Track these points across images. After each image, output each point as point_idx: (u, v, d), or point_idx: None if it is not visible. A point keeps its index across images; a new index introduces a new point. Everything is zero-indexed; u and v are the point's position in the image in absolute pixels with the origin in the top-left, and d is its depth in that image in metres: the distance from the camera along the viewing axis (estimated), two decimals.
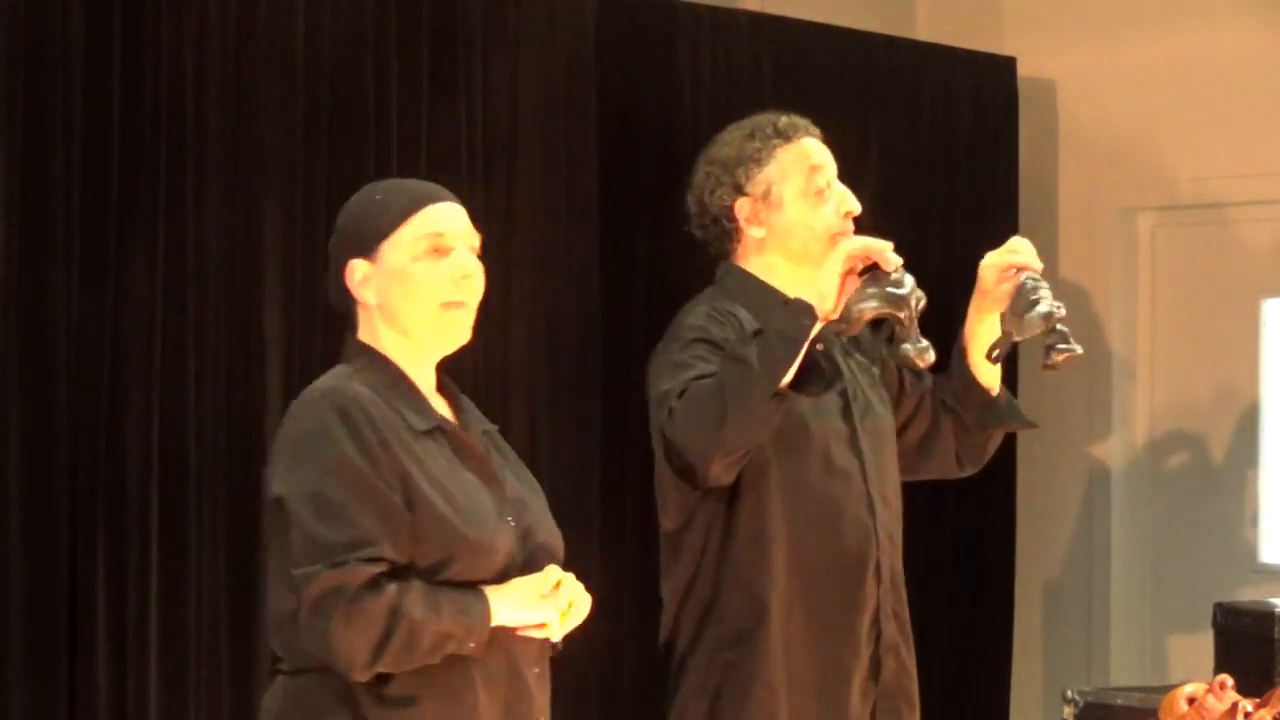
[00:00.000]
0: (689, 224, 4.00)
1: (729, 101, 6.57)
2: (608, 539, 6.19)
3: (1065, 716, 5.95)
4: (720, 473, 3.69)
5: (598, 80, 6.26)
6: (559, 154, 6.15)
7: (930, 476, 4.20)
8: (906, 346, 3.66)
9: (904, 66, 7.12)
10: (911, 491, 4.07)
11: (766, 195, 3.88)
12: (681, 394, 3.68)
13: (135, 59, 5.28)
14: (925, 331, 3.66)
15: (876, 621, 3.88)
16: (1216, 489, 7.25)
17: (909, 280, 3.63)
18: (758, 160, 3.90)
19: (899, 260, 3.64)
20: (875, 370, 4.03)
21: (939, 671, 6.84)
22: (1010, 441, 6.03)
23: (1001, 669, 7.29)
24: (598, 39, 6.27)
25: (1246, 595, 6.64)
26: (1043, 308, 3.67)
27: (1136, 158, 7.31)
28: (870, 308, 3.61)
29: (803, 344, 3.60)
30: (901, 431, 4.06)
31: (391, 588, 3.06)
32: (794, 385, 3.63)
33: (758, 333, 3.68)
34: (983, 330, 3.93)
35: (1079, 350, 3.66)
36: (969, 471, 4.16)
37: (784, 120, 3.96)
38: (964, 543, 7.16)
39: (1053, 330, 3.67)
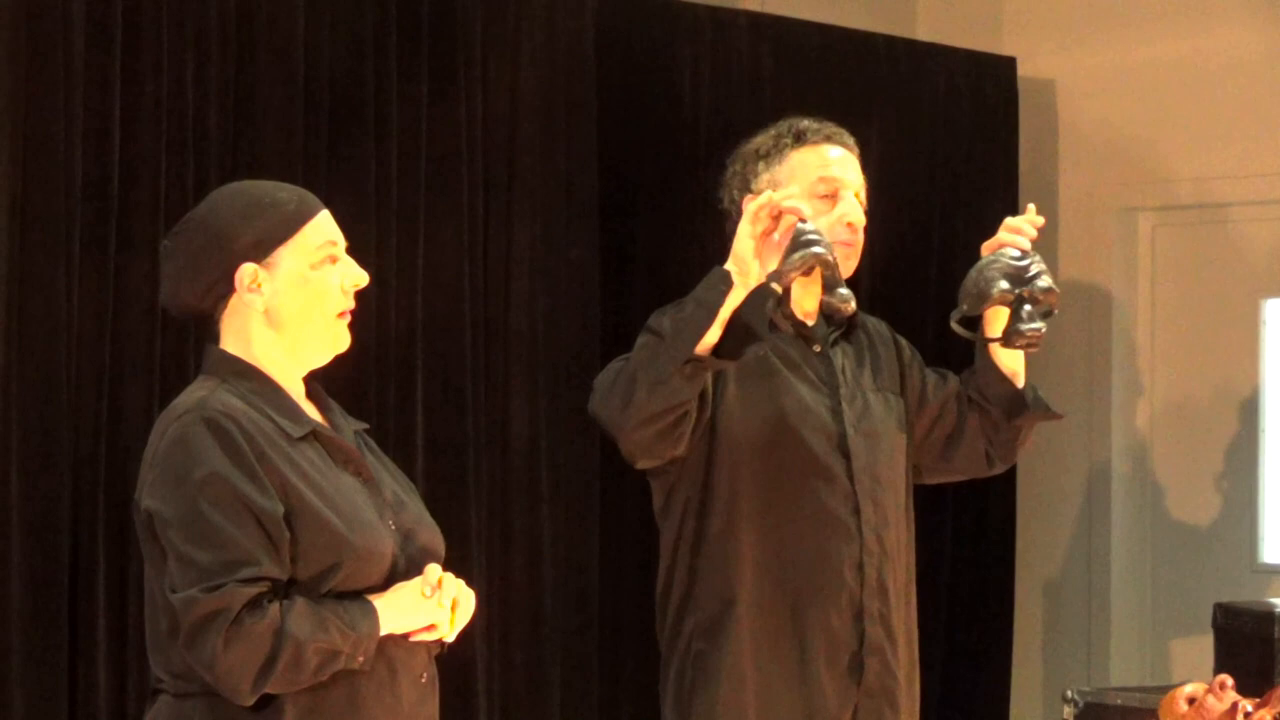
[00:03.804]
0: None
1: (729, 101, 6.58)
2: (608, 538, 6.19)
3: (1065, 716, 5.95)
4: (642, 441, 3.65)
5: (598, 80, 6.26)
6: (559, 154, 6.15)
7: (960, 476, 4.19)
8: (830, 299, 3.69)
9: (904, 66, 7.11)
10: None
11: None
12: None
13: (135, 59, 5.28)
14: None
15: (860, 623, 3.85)
16: (1216, 489, 7.25)
17: (818, 233, 3.61)
18: (768, 160, 3.89)
19: (807, 208, 3.62)
20: (887, 376, 4.02)
21: (939, 671, 6.84)
22: None
23: (1001, 669, 7.29)
24: (598, 39, 6.27)
25: (1246, 595, 6.64)
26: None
27: (1136, 158, 7.30)
28: (793, 267, 3.58)
29: (716, 309, 3.54)
30: (927, 433, 4.05)
31: (274, 608, 2.96)
32: (729, 354, 3.59)
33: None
34: (995, 317, 3.93)
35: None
36: (999, 469, 4.13)
37: (807, 123, 3.94)
38: (964, 543, 7.15)
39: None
